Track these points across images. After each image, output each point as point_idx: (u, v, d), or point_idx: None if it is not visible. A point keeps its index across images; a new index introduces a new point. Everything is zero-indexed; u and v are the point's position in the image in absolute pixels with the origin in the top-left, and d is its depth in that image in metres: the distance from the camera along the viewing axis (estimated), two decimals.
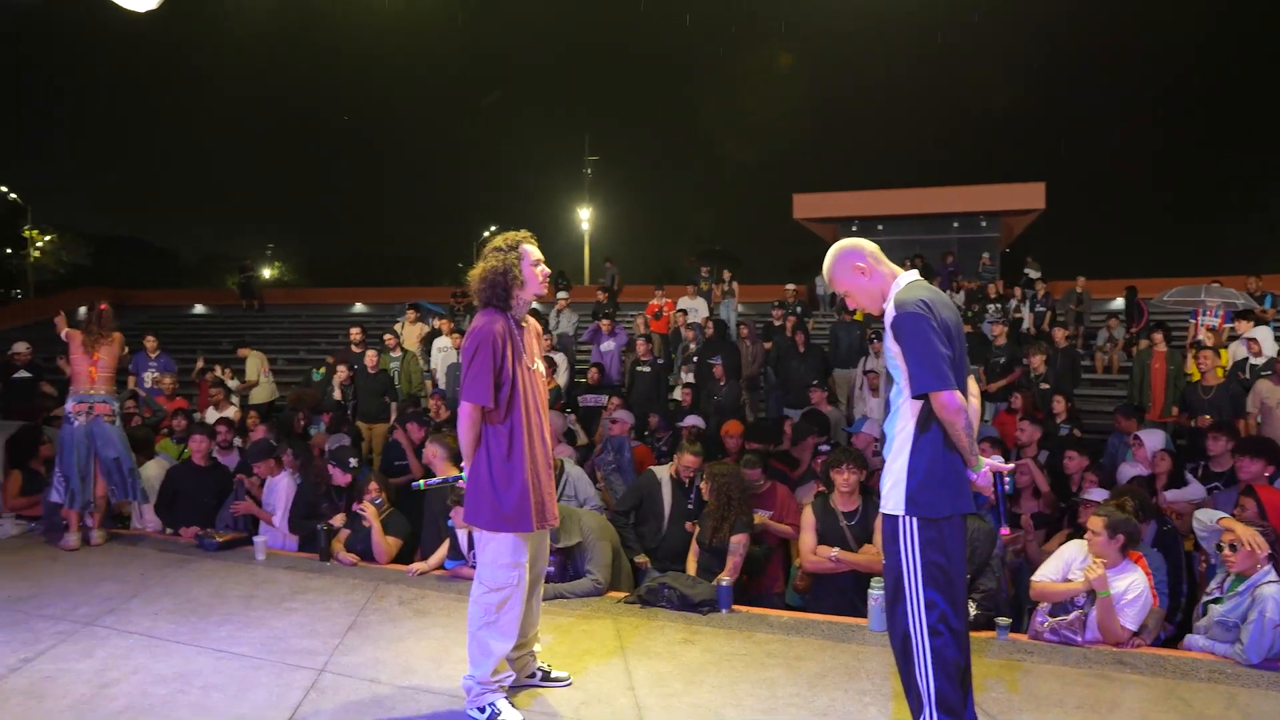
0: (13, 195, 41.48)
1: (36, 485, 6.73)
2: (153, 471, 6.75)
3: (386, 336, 11.01)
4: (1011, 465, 3.00)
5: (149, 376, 10.14)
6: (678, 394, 10.47)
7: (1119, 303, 15.26)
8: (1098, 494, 5.09)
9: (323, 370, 10.30)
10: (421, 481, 4.20)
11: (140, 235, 54.19)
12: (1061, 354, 9.48)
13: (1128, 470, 6.28)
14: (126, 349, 6.60)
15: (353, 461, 6.04)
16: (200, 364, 11.82)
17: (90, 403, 5.99)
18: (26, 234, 43.15)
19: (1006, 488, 2.89)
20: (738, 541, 5.00)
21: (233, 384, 10.78)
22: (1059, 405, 8.12)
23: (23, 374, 9.28)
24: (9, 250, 43.59)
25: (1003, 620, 4.16)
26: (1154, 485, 5.69)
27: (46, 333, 18.78)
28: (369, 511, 5.57)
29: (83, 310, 6.38)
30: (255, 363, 11.55)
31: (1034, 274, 15.88)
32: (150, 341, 10.79)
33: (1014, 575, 5.05)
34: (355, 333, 10.90)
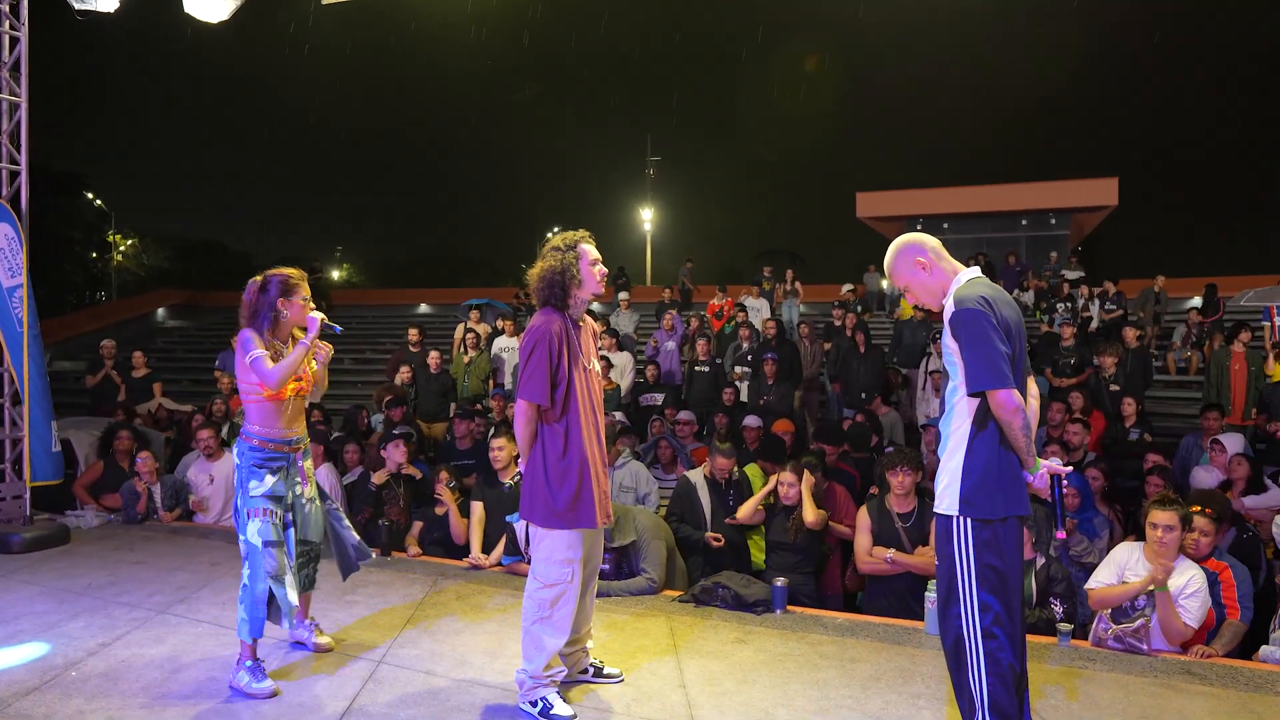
0: (98, 202, 43.29)
1: (115, 478, 6.91)
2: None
3: (469, 335, 10.55)
4: (1070, 468, 2.93)
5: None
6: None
7: (1197, 301, 14.74)
8: None
9: None
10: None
11: (217, 240, 55.73)
12: (1132, 355, 9.20)
13: (1201, 474, 6.08)
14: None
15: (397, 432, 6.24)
16: None
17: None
18: (110, 239, 44.99)
19: (1064, 490, 2.83)
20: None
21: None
22: (1128, 408, 7.89)
23: (107, 371, 9.60)
24: (94, 255, 45.43)
25: (1064, 626, 4.07)
26: (1230, 490, 5.51)
27: (128, 332, 19.64)
28: (446, 496, 5.73)
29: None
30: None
31: (1072, 275, 15.35)
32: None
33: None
34: (413, 334, 11.03)
